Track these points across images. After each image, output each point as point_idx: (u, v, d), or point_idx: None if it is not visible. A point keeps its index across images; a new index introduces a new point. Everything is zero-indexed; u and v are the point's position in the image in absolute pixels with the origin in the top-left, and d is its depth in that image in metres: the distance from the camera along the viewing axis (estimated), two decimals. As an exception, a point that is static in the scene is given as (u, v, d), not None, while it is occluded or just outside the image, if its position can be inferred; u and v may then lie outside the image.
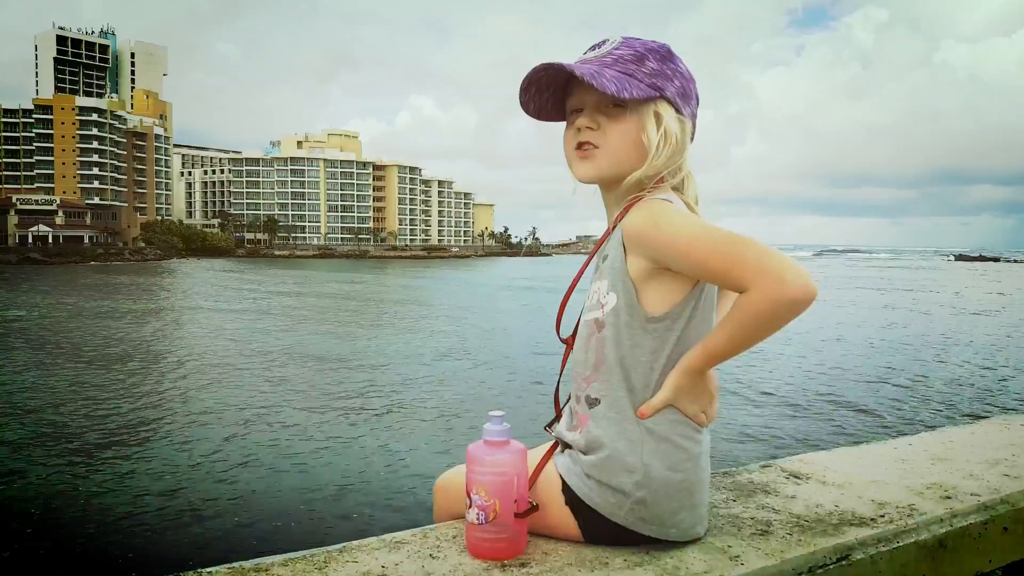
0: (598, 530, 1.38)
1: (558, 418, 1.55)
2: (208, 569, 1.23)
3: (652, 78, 1.39)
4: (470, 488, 1.34)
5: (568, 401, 1.53)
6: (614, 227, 1.43)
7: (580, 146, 1.43)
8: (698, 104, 1.48)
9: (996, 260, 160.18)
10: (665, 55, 1.42)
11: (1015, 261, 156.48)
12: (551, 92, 1.46)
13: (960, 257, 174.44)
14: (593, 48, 1.44)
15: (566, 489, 1.41)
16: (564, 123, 1.50)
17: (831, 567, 1.38)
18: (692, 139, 1.47)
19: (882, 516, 1.56)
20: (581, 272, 1.49)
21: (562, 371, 1.57)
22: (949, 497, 1.68)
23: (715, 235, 1.29)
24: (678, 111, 1.42)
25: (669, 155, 1.40)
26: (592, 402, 1.41)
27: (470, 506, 1.34)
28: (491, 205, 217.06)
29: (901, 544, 1.47)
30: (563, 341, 1.55)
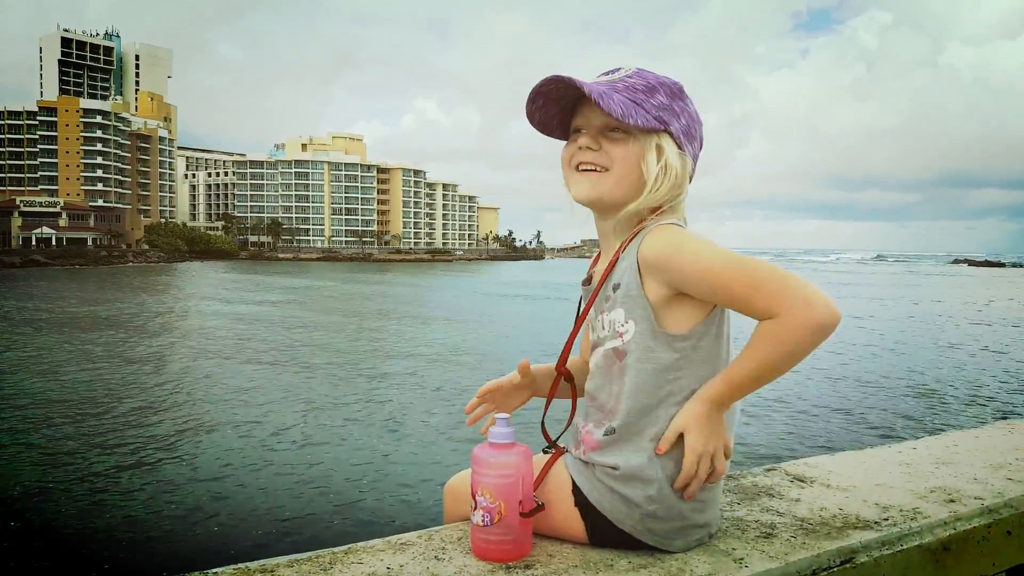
0: (604, 534, 1.38)
1: (552, 445, 1.53)
2: (214, 570, 1.23)
3: (659, 111, 1.39)
4: (475, 490, 1.34)
5: (570, 424, 1.52)
6: (618, 255, 1.42)
7: (579, 166, 1.43)
8: (701, 147, 1.48)
9: (1001, 265, 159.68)
10: (676, 92, 1.42)
11: (1020, 266, 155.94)
12: (558, 108, 1.46)
13: (970, 262, 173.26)
14: (606, 73, 1.44)
15: (576, 491, 1.41)
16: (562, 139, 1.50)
17: (835, 570, 1.38)
18: (691, 179, 1.46)
19: (886, 519, 1.56)
20: (588, 307, 1.47)
21: (549, 402, 1.57)
22: (953, 500, 1.69)
23: (738, 260, 1.29)
24: (680, 148, 1.41)
25: (668, 188, 1.40)
26: (611, 431, 1.39)
27: (475, 508, 1.34)
28: (496, 208, 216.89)
29: (905, 547, 1.47)
30: (559, 371, 1.55)
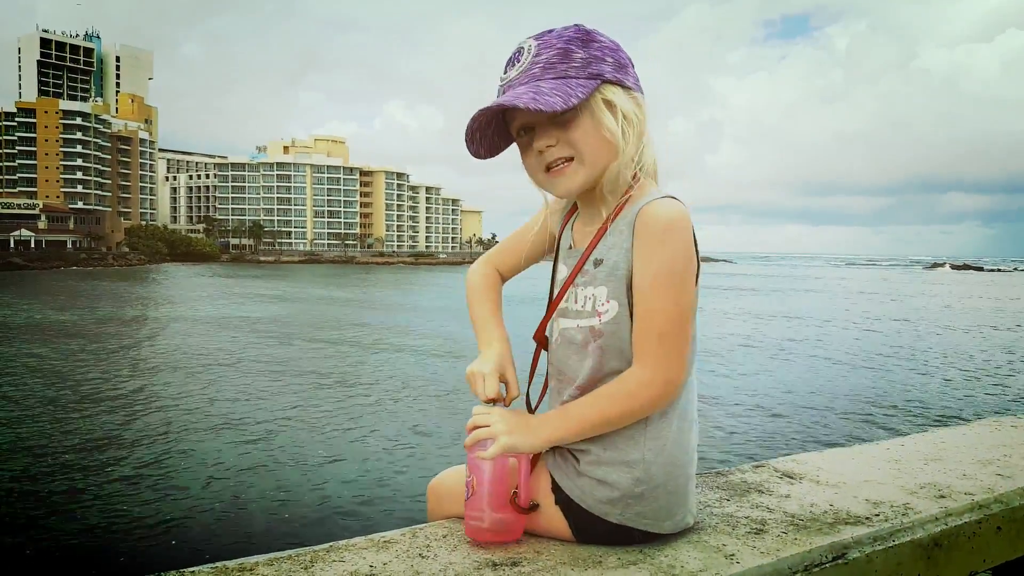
0: (589, 531, 1.35)
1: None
2: (191, 568, 1.20)
3: (586, 68, 1.31)
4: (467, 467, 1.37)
5: (546, 390, 1.49)
6: (605, 228, 1.36)
7: (549, 167, 1.36)
8: (633, 65, 1.39)
9: (980, 269, 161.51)
10: (585, 38, 1.33)
11: (998, 270, 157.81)
12: (495, 127, 1.39)
13: (951, 266, 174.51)
14: (512, 63, 1.34)
15: (556, 488, 1.38)
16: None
17: (827, 565, 1.36)
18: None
19: (877, 515, 1.54)
20: (572, 277, 1.40)
21: (533, 372, 1.52)
22: (943, 496, 1.67)
23: (684, 297, 1.28)
24: (623, 86, 1.35)
25: (637, 136, 1.35)
26: None
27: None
28: (479, 212, 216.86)
29: (897, 543, 1.46)
30: (536, 339, 1.50)
